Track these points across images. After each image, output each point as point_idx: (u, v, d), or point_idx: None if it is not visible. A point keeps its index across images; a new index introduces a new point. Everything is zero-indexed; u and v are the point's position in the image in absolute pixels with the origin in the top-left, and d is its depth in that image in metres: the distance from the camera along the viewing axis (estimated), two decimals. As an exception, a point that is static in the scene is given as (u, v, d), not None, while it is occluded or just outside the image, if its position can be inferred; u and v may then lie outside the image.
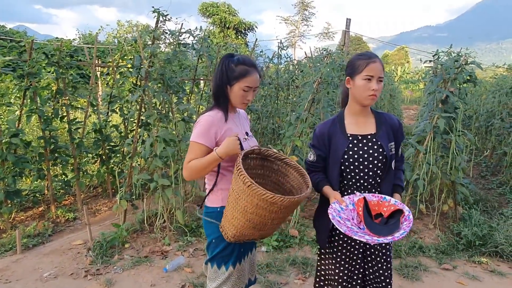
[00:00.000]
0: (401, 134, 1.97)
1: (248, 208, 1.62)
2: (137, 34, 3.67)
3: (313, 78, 4.13)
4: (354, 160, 1.84)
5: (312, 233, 4.02)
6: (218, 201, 1.92)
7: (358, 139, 1.87)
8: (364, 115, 1.92)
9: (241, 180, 1.59)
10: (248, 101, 1.89)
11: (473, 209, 4.61)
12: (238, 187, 1.63)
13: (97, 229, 4.15)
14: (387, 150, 1.85)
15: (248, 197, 1.59)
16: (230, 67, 1.86)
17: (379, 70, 1.79)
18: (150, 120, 3.68)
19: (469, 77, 4.05)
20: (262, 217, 1.65)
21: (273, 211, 1.62)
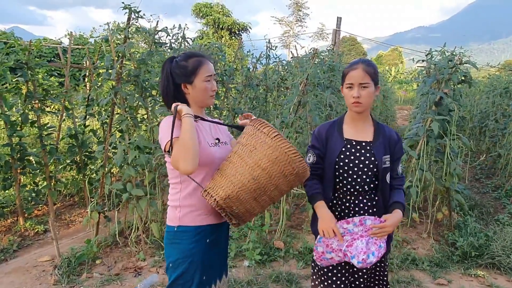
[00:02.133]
0: (399, 150, 1.92)
1: (262, 163, 1.54)
2: (108, 32, 3.40)
3: (299, 79, 3.87)
4: (345, 164, 1.84)
5: (298, 245, 3.76)
6: (176, 220, 1.69)
7: (352, 144, 1.87)
8: (362, 122, 1.90)
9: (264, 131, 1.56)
10: (213, 92, 1.76)
11: (469, 216, 4.39)
12: (255, 140, 1.58)
13: (69, 243, 3.87)
14: (379, 160, 1.83)
15: (269, 149, 1.54)
16: (180, 66, 1.69)
17: (359, 77, 1.78)
18: (122, 126, 3.41)
19: (463, 77, 3.82)
20: (270, 178, 1.56)
21: (285, 173, 1.57)
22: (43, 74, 4.24)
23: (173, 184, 1.71)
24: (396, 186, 1.93)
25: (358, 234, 1.77)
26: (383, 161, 1.83)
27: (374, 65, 1.86)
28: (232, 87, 5.56)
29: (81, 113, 4.98)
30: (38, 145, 4.32)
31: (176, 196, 1.69)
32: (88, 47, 5.24)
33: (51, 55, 13.58)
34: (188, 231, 1.67)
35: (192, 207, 1.67)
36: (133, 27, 3.41)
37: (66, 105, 4.54)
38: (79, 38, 16.58)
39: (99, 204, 3.62)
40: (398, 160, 1.92)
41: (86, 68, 4.71)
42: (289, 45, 39.71)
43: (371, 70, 1.80)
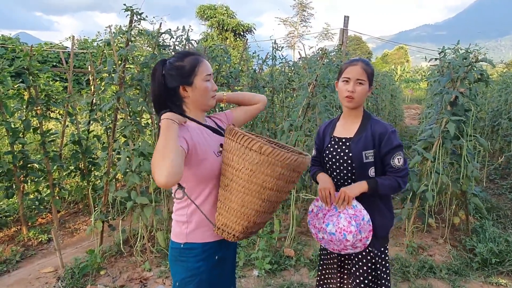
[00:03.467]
0: (387, 142, 1.87)
1: (267, 184, 1.39)
2: (110, 35, 3.29)
3: (307, 81, 3.74)
4: (329, 159, 1.97)
5: (309, 253, 3.62)
6: (182, 236, 1.55)
7: (335, 141, 1.99)
8: (352, 118, 1.96)
9: (255, 150, 1.35)
10: (214, 92, 1.61)
11: (486, 220, 4.21)
12: (250, 162, 1.37)
13: (73, 252, 3.77)
14: (356, 156, 1.87)
15: (269, 168, 1.36)
16: (176, 67, 1.53)
17: (358, 73, 1.85)
18: (125, 132, 3.29)
19: (480, 75, 3.65)
20: (279, 192, 1.45)
21: (292, 180, 1.46)
22: (46, 79, 4.14)
23: (178, 195, 1.57)
24: (388, 174, 1.91)
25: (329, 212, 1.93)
26: (364, 156, 1.86)
27: (372, 67, 1.93)
28: (238, 89, 5.43)
29: (85, 118, 4.88)
30: (41, 152, 4.23)
31: (183, 211, 1.55)
32: (91, 51, 5.14)
33: (56, 60, 13.56)
34: (195, 248, 1.54)
35: (200, 222, 1.54)
36: (136, 30, 3.30)
37: (69, 111, 4.45)
38: (84, 42, 16.59)
39: (103, 212, 3.51)
40: (390, 153, 1.86)
41: (89, 73, 4.62)
42: (293, 45, 39.55)
43: (369, 69, 1.88)
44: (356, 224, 1.83)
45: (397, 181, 1.87)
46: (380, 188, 1.85)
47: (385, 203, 1.96)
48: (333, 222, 1.87)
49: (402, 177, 1.88)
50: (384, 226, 1.95)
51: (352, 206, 1.85)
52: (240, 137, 1.37)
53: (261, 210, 1.44)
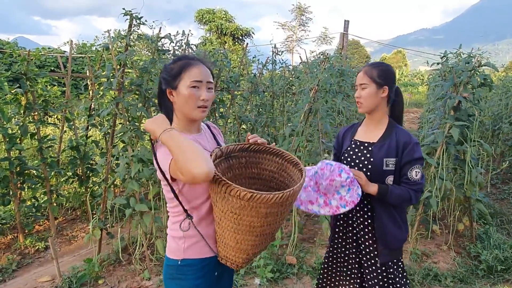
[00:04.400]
0: (408, 154, 1.83)
1: (255, 223, 1.33)
2: (109, 40, 3.24)
3: (309, 86, 3.69)
4: (347, 162, 1.94)
5: (312, 260, 3.56)
6: (179, 252, 1.47)
7: (356, 144, 1.97)
8: (375, 124, 1.94)
9: (234, 196, 1.27)
10: (203, 101, 1.42)
11: (489, 226, 4.16)
12: (232, 206, 1.30)
13: (70, 260, 3.69)
14: (377, 161, 1.84)
15: (252, 210, 1.29)
16: (166, 69, 1.47)
17: (359, 78, 1.89)
18: (124, 138, 3.23)
19: (483, 80, 3.61)
20: (273, 223, 1.39)
21: (283, 211, 1.38)
22: (43, 84, 4.08)
23: (176, 213, 1.48)
24: (403, 185, 1.85)
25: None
26: (384, 163, 1.83)
27: (380, 67, 1.88)
28: (238, 94, 5.39)
29: (83, 123, 4.82)
30: (38, 158, 4.16)
31: (178, 225, 1.45)
32: (90, 55, 5.09)
33: (54, 65, 13.51)
34: (194, 265, 1.46)
35: (198, 237, 1.45)
36: (135, 34, 3.25)
37: (67, 116, 4.39)
38: (82, 46, 16.54)
39: (101, 220, 3.44)
40: (409, 164, 1.82)
41: (87, 77, 4.56)
42: (292, 49, 39.61)
43: (372, 71, 1.85)
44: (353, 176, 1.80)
45: (409, 193, 1.82)
46: (389, 196, 1.79)
47: (400, 214, 1.90)
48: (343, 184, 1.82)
49: (415, 191, 1.82)
50: (398, 238, 1.89)
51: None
52: (218, 181, 1.29)
53: (256, 243, 1.41)
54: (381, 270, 1.91)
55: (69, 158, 4.49)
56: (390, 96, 1.90)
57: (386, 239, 1.85)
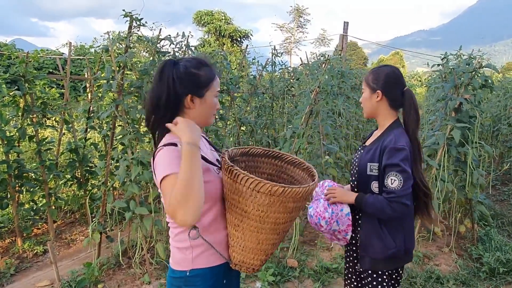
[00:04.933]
0: (384, 158, 1.74)
1: (280, 219, 1.35)
2: (108, 42, 3.22)
3: (310, 87, 3.67)
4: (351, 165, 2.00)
5: (313, 263, 3.53)
6: (187, 263, 1.40)
7: (359, 148, 2.01)
8: (380, 128, 1.92)
9: (264, 193, 1.27)
10: (216, 111, 1.51)
11: (491, 228, 4.15)
12: (259, 204, 1.30)
13: (69, 264, 3.66)
14: (362, 166, 1.84)
15: (281, 206, 1.31)
16: (191, 73, 1.37)
17: (363, 83, 1.93)
18: (124, 140, 3.20)
19: (484, 82, 3.60)
20: (293, 220, 1.42)
21: (304, 204, 1.43)
22: (41, 86, 4.05)
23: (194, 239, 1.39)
24: (383, 193, 1.75)
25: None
26: (368, 168, 1.81)
27: (375, 71, 1.88)
28: (238, 96, 5.37)
29: (81, 125, 4.79)
30: (36, 161, 4.12)
31: (185, 235, 1.38)
32: (88, 57, 5.06)
33: (52, 67, 13.45)
34: (204, 274, 1.40)
35: (206, 245, 1.39)
36: (135, 36, 3.23)
37: (65, 118, 4.36)
38: (80, 48, 16.49)
39: (100, 223, 3.41)
40: (385, 170, 1.72)
41: (86, 79, 4.53)
42: (290, 51, 39.66)
43: (368, 76, 1.88)
44: (332, 212, 1.84)
45: (383, 204, 1.69)
46: (364, 205, 1.77)
47: (388, 227, 1.79)
48: (314, 205, 1.91)
49: (390, 201, 1.67)
50: (379, 250, 1.78)
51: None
52: (245, 180, 1.26)
53: (276, 242, 1.42)
54: (360, 277, 1.94)
55: (67, 161, 4.45)
56: (390, 100, 1.84)
57: (366, 247, 1.82)
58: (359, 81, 6.48)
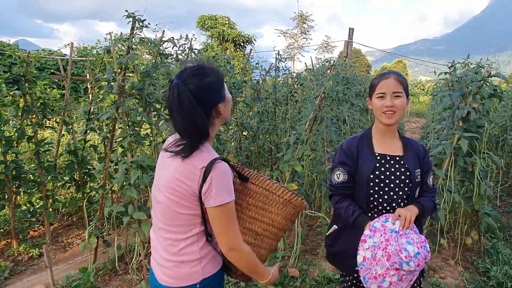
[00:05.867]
0: (427, 162, 1.85)
1: (287, 226, 1.52)
2: (110, 42, 3.16)
3: (314, 93, 3.60)
4: (381, 180, 1.76)
5: (315, 273, 3.44)
6: (197, 275, 1.38)
7: (386, 159, 1.80)
8: (390, 136, 1.83)
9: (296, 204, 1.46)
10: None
11: (498, 240, 4.04)
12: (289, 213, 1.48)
13: (65, 268, 3.58)
14: (413, 174, 1.77)
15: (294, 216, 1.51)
16: (208, 84, 1.33)
17: (392, 85, 1.73)
18: (123, 143, 3.13)
19: (493, 91, 3.52)
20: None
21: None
22: (41, 87, 3.99)
23: (186, 234, 1.37)
24: (424, 194, 1.85)
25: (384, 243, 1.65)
26: (416, 175, 1.78)
27: (405, 77, 1.82)
28: (240, 100, 5.30)
29: (82, 127, 4.73)
30: (35, 162, 4.05)
31: (193, 248, 1.37)
32: (90, 58, 5.01)
33: (54, 67, 13.44)
34: (213, 280, 1.41)
35: (212, 252, 1.42)
36: (137, 38, 3.16)
37: (65, 119, 4.29)
38: (83, 50, 16.50)
39: (97, 227, 3.33)
40: (428, 173, 1.84)
41: (88, 81, 4.48)
42: (293, 57, 39.71)
43: (403, 80, 1.77)
44: (418, 236, 1.65)
45: (433, 201, 1.83)
46: (426, 211, 1.79)
47: (418, 224, 1.84)
48: (408, 240, 1.58)
49: (434, 197, 1.86)
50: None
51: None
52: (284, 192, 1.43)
53: (272, 249, 1.54)
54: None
55: (66, 163, 4.38)
56: None
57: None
58: (363, 88, 6.40)
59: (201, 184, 1.27)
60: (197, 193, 1.29)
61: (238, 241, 1.32)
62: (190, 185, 1.29)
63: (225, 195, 1.28)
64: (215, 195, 1.26)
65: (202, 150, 1.33)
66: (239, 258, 1.33)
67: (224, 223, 1.29)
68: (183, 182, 1.30)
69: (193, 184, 1.29)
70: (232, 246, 1.31)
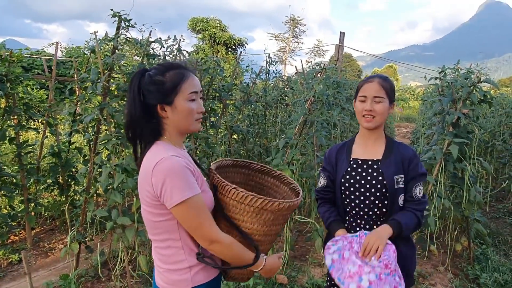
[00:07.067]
0: (414, 168, 1.70)
1: (279, 230, 1.48)
2: (95, 42, 3.07)
3: (304, 97, 3.55)
4: (351, 184, 1.73)
5: (304, 280, 3.37)
6: (186, 283, 1.31)
7: (358, 163, 1.77)
8: (374, 139, 1.78)
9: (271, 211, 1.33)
10: (200, 114, 1.34)
11: (487, 247, 4.03)
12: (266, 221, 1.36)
13: (45, 275, 3.46)
14: (388, 180, 1.67)
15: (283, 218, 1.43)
16: (155, 81, 1.26)
17: (374, 90, 1.69)
18: (108, 146, 3.04)
19: (483, 96, 3.51)
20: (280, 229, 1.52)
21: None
22: (24, 87, 3.87)
23: (168, 242, 1.30)
24: (407, 209, 1.69)
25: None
26: (395, 181, 1.67)
27: (391, 82, 1.78)
28: (230, 103, 5.23)
29: (67, 129, 4.61)
30: (17, 164, 3.93)
31: (180, 256, 1.30)
32: (77, 59, 4.90)
33: (42, 68, 13.23)
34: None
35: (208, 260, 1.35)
36: (123, 38, 3.08)
37: (49, 121, 4.17)
38: (72, 50, 16.29)
39: (80, 232, 3.22)
40: (414, 180, 1.69)
41: (73, 81, 4.37)
42: (285, 61, 39.79)
43: (387, 85, 1.72)
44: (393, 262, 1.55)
45: (417, 216, 1.67)
46: (405, 231, 1.62)
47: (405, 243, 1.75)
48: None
49: (421, 211, 1.67)
50: (413, 257, 1.75)
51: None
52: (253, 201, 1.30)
53: (267, 250, 1.49)
54: None
55: (50, 165, 4.25)
56: None
57: (408, 264, 1.72)
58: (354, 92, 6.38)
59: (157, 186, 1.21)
60: (158, 197, 1.22)
61: (215, 233, 1.24)
62: (149, 190, 1.23)
63: (183, 191, 1.18)
64: (171, 193, 1.18)
65: (152, 151, 1.28)
66: (222, 250, 1.27)
67: (194, 219, 1.21)
68: (143, 188, 1.25)
69: (151, 188, 1.22)
70: (210, 239, 1.23)
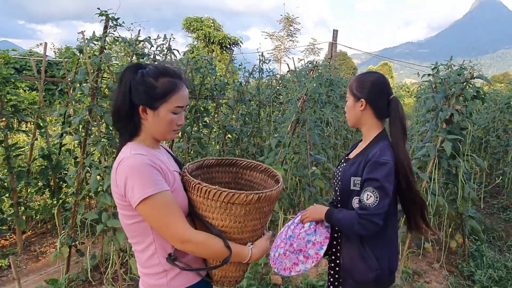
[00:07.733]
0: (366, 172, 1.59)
1: (257, 225, 1.33)
2: (83, 42, 3.01)
3: (297, 95, 3.51)
4: (333, 181, 1.86)
5: (298, 280, 3.34)
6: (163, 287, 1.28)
7: (341, 162, 1.87)
8: (364, 139, 1.78)
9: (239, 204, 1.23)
10: (179, 127, 1.32)
11: (482, 243, 4.02)
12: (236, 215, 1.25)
13: (36, 280, 3.40)
14: (345, 180, 1.69)
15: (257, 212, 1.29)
16: (146, 82, 1.23)
17: (347, 90, 1.80)
18: (97, 147, 2.98)
19: (476, 93, 3.50)
20: (266, 222, 1.42)
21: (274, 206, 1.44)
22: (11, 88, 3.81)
23: (143, 245, 1.26)
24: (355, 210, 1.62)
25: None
26: (352, 182, 1.65)
27: (359, 78, 1.74)
28: (223, 102, 5.18)
29: (57, 130, 4.54)
30: (5, 167, 3.86)
31: (155, 260, 1.25)
32: (67, 59, 4.83)
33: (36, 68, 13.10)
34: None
35: (181, 266, 1.27)
36: (111, 37, 3.02)
37: (39, 123, 4.11)
38: (65, 51, 16.16)
39: (70, 236, 3.16)
40: (364, 184, 1.59)
41: (62, 82, 4.30)
42: (280, 59, 39.75)
43: (352, 83, 1.75)
44: (311, 223, 1.79)
45: (352, 219, 1.56)
46: (333, 219, 1.67)
47: (372, 246, 1.65)
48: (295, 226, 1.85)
49: (361, 218, 1.53)
50: (363, 272, 1.65)
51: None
52: (218, 195, 1.21)
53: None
54: None
55: (40, 168, 4.19)
56: (375, 109, 1.69)
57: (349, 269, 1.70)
58: (348, 90, 6.35)
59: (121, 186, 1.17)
60: (123, 196, 1.18)
61: (186, 231, 1.17)
62: (116, 190, 1.20)
63: (145, 189, 1.13)
64: (133, 191, 1.14)
65: (121, 151, 1.25)
66: (196, 248, 1.19)
67: (160, 218, 1.15)
68: (113, 190, 1.23)
69: (116, 188, 1.19)
70: (181, 239, 1.17)
